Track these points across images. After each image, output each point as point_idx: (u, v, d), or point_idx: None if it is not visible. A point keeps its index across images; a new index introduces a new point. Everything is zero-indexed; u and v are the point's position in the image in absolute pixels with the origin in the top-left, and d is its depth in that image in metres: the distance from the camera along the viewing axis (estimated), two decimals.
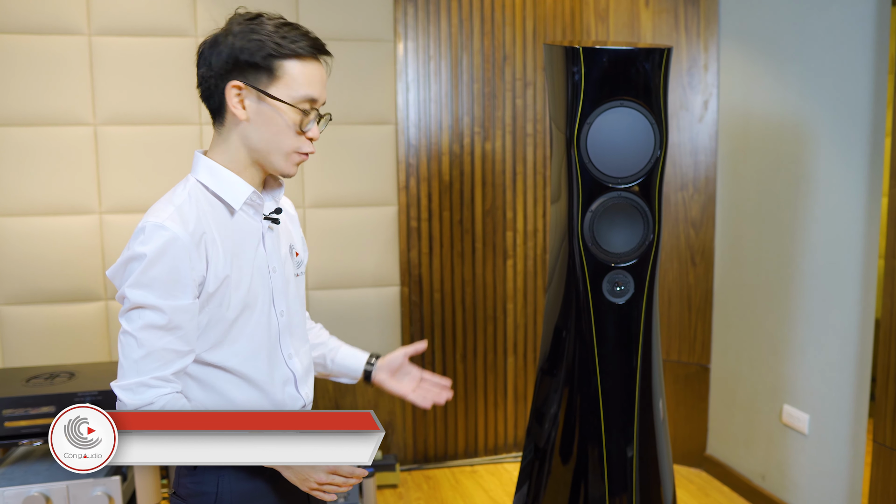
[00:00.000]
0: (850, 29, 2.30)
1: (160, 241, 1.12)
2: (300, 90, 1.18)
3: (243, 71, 1.18)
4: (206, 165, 1.23)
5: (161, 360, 1.14)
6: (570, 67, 1.69)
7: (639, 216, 1.76)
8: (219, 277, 1.18)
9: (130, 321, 1.14)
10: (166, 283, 1.12)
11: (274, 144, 1.20)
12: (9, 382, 2.23)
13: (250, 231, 1.24)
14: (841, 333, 2.39)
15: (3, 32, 2.65)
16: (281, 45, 1.18)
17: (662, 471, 2.01)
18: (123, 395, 1.15)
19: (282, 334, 1.29)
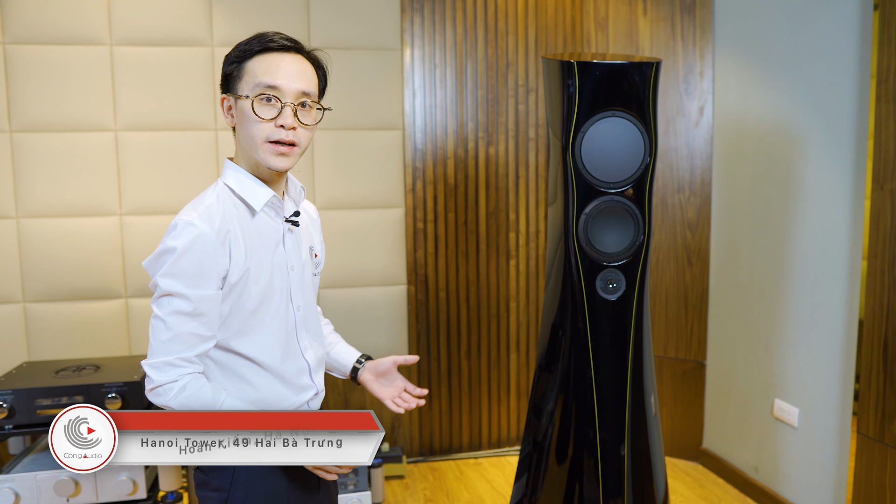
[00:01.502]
0: (836, 39, 2.40)
1: (189, 237, 1.24)
2: (255, 80, 1.28)
3: (225, 83, 1.34)
4: (232, 171, 1.35)
5: (186, 343, 1.25)
6: (566, 80, 1.81)
7: (630, 218, 1.88)
8: (240, 271, 1.28)
9: (160, 307, 1.25)
10: (193, 275, 1.24)
11: (248, 138, 1.30)
12: (39, 374, 2.37)
13: (271, 231, 1.35)
14: (828, 331, 2.50)
15: (30, 43, 2.79)
16: (242, 50, 1.31)
17: (654, 463, 2.12)
18: (152, 372, 1.26)
19: (298, 327, 1.40)
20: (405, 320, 3.26)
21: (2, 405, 2.17)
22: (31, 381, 2.29)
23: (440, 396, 3.32)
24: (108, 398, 2.23)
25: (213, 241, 1.25)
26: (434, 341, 3.29)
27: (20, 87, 2.79)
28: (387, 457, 3.11)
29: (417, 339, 3.26)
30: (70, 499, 2.21)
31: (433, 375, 3.30)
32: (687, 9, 3.07)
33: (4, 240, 2.82)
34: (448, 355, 3.31)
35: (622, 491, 2.04)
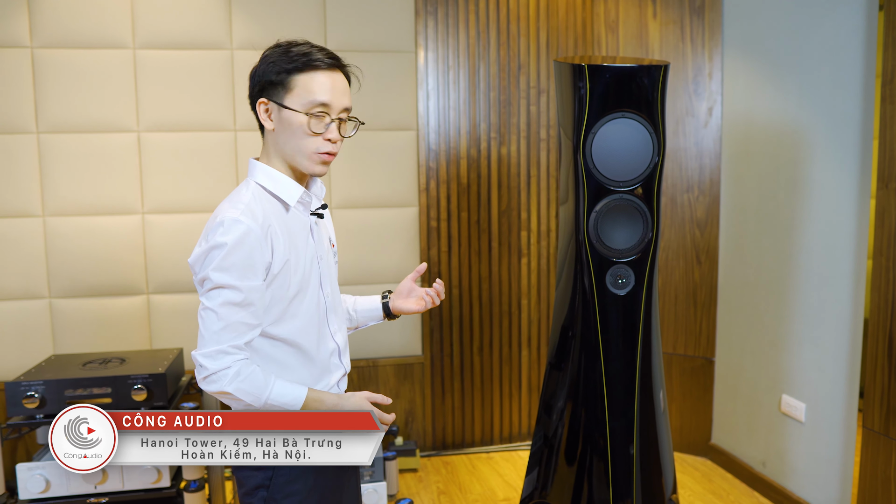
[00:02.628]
0: (842, 41, 2.45)
1: (238, 233, 1.32)
2: (309, 97, 1.37)
3: (266, 89, 1.41)
4: (262, 170, 1.44)
5: (236, 332, 1.33)
6: (577, 83, 1.88)
7: (639, 216, 1.94)
8: (281, 261, 1.38)
9: (211, 299, 1.33)
10: (242, 268, 1.33)
11: (295, 147, 1.40)
12: (67, 366, 2.45)
13: (301, 224, 1.45)
14: (834, 328, 2.55)
15: (57, 48, 2.88)
16: (291, 62, 1.38)
17: (663, 457, 2.17)
18: (205, 361, 1.33)
19: (328, 312, 1.50)
20: (419, 316, 3.32)
21: (34, 395, 2.25)
22: (60, 372, 2.38)
23: (453, 392, 3.39)
24: (135, 389, 2.31)
25: (258, 235, 1.34)
26: (447, 337, 3.35)
27: (47, 89, 2.88)
28: (401, 450, 3.18)
29: (431, 336, 3.33)
30: (97, 486, 2.30)
31: (446, 371, 3.37)
32: (696, 11, 3.12)
33: (31, 238, 2.92)
34: (461, 351, 3.37)
35: (630, 485, 2.10)
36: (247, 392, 1.33)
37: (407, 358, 3.33)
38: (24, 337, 2.93)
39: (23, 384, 2.27)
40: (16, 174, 2.89)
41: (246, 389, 1.33)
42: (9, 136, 2.87)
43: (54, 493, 2.30)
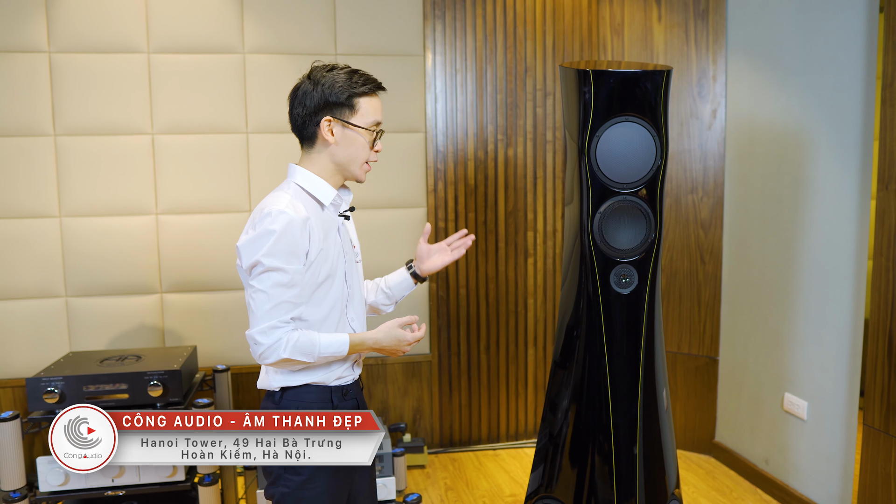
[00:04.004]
0: (844, 45, 2.49)
1: (284, 221, 1.51)
2: (370, 118, 1.63)
3: (332, 108, 1.60)
4: (302, 173, 1.63)
5: (284, 310, 1.52)
6: (582, 87, 1.93)
7: (642, 217, 1.99)
8: (316, 250, 1.56)
9: (261, 282, 1.51)
10: (289, 253, 1.51)
11: (354, 158, 1.63)
12: (85, 363, 2.52)
13: (332, 222, 1.65)
14: (836, 327, 2.59)
15: (73, 52, 2.95)
16: (355, 87, 1.61)
17: (666, 454, 2.21)
18: (260, 338, 1.50)
19: (349, 302, 1.68)
20: (427, 316, 3.38)
21: (53, 391, 2.32)
22: (78, 368, 2.45)
23: (460, 390, 3.44)
24: (151, 385, 2.37)
25: (300, 225, 1.53)
26: (454, 336, 3.41)
27: (64, 93, 2.95)
28: (409, 447, 3.24)
29: (438, 334, 3.38)
30: (115, 479, 2.36)
31: (453, 369, 3.43)
32: (700, 15, 3.16)
33: (48, 238, 2.99)
34: (468, 350, 3.43)
35: (634, 481, 2.15)
36: (301, 353, 1.52)
37: (415, 356, 3.39)
38: (41, 334, 3.00)
39: (43, 380, 2.34)
40: (33, 176, 2.96)
41: (299, 351, 1.52)
42: (27, 139, 2.94)
43: (73, 486, 2.37)
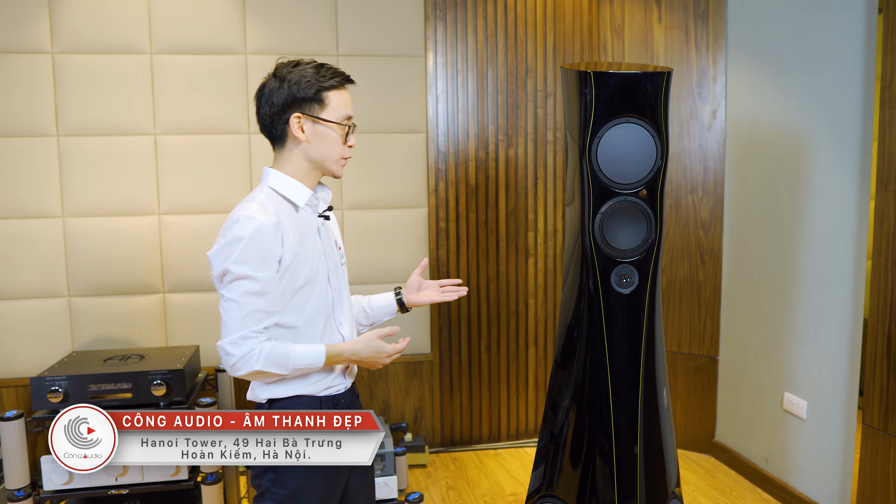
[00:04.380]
0: (843, 46, 2.51)
1: (253, 227, 1.46)
2: (341, 111, 1.56)
3: (300, 104, 1.54)
4: (275, 176, 1.58)
5: (256, 319, 1.47)
6: (583, 89, 1.94)
7: (643, 217, 2.01)
8: (291, 255, 1.51)
9: (232, 290, 1.46)
10: (259, 259, 1.46)
11: (329, 154, 1.57)
12: (89, 362, 2.53)
13: (309, 224, 1.59)
14: (835, 327, 2.60)
15: (76, 53, 2.96)
16: (323, 81, 1.54)
17: (666, 453, 2.23)
18: (230, 348, 1.45)
19: (335, 306, 1.62)
20: (428, 316, 3.39)
21: (57, 390, 2.34)
22: (82, 368, 2.46)
23: (461, 389, 3.46)
24: (154, 385, 2.39)
25: (270, 230, 1.48)
26: (455, 336, 3.42)
27: (67, 93, 2.97)
28: (410, 446, 3.25)
29: (440, 334, 3.40)
30: (118, 478, 2.38)
31: (454, 369, 3.44)
32: (700, 16, 3.18)
33: (51, 238, 3.00)
34: (469, 350, 3.44)
35: (635, 480, 2.16)
36: (275, 365, 1.46)
37: (416, 356, 3.40)
38: (44, 334, 3.02)
39: (47, 379, 2.35)
40: (37, 176, 2.97)
41: (272, 363, 1.46)
42: (30, 140, 2.96)
43: (76, 485, 2.38)
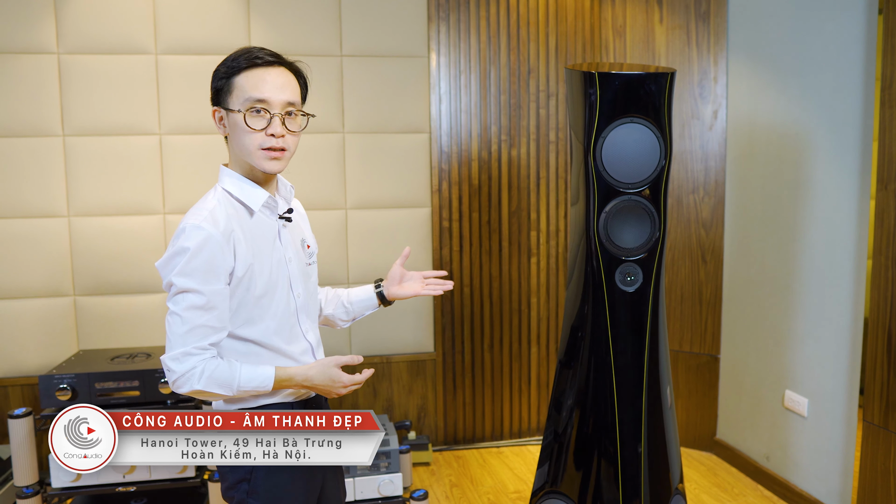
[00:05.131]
0: (843, 46, 2.53)
1: (199, 239, 1.35)
2: (244, 95, 1.40)
3: (216, 97, 1.46)
4: (228, 176, 1.47)
5: (200, 335, 1.36)
6: (588, 89, 1.97)
7: (647, 216, 2.03)
8: (244, 266, 1.41)
9: (176, 304, 1.36)
10: (205, 272, 1.36)
11: (243, 146, 1.42)
12: (96, 361, 2.55)
13: (268, 228, 1.48)
14: (836, 325, 2.62)
15: (82, 53, 2.98)
16: (229, 66, 1.43)
17: (670, 451, 2.25)
18: (172, 365, 1.36)
19: (299, 312, 1.52)
20: (431, 314, 3.41)
21: (66, 388, 2.35)
22: (90, 366, 2.48)
23: (464, 388, 3.48)
24: (161, 383, 2.41)
25: (219, 241, 1.37)
26: (458, 335, 3.44)
27: (72, 94, 2.98)
28: (413, 444, 3.27)
29: (443, 333, 3.42)
30: (126, 475, 2.40)
31: (457, 368, 3.46)
32: (701, 17, 3.20)
33: (57, 237, 3.02)
34: (472, 348, 3.46)
35: (639, 477, 2.18)
36: (217, 385, 1.36)
37: (419, 355, 3.42)
38: (50, 333, 3.03)
39: (55, 377, 2.37)
40: (42, 176, 2.99)
41: (215, 383, 1.36)
42: (36, 139, 2.98)
43: (84, 483, 2.40)
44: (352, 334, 3.34)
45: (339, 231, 3.27)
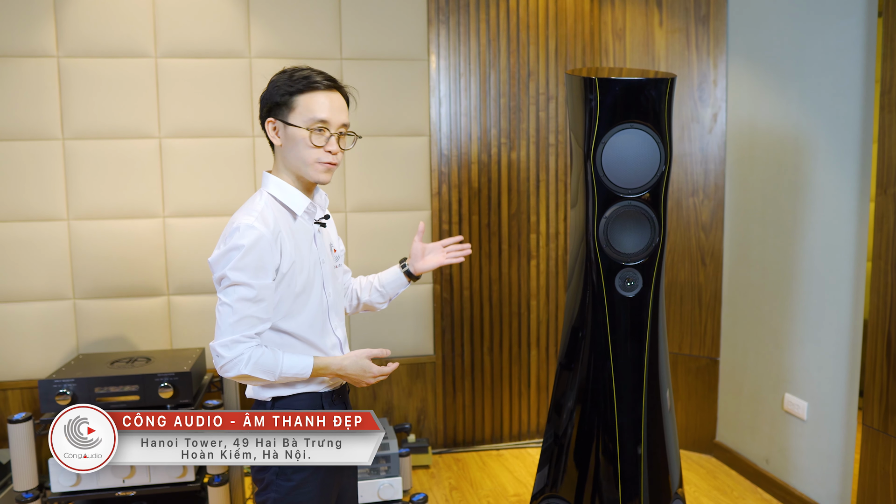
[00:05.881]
0: (843, 51, 2.53)
1: (252, 237, 1.49)
2: (309, 115, 1.56)
3: (272, 110, 1.59)
4: (274, 182, 1.61)
5: (249, 324, 1.50)
6: (588, 94, 1.97)
7: (647, 222, 2.03)
8: (288, 263, 1.55)
9: (228, 295, 1.50)
10: (256, 268, 1.49)
11: (300, 159, 1.57)
12: (96, 365, 2.55)
13: (306, 232, 1.62)
14: (835, 328, 2.63)
15: (82, 57, 2.98)
16: (292, 85, 1.57)
17: (669, 454, 2.25)
18: (222, 350, 1.49)
19: (330, 310, 1.66)
20: (430, 317, 3.42)
21: (65, 393, 2.35)
22: (89, 371, 2.48)
23: (464, 390, 3.48)
24: (161, 387, 2.41)
25: (269, 239, 1.51)
26: (458, 338, 3.44)
27: (72, 97, 2.98)
28: (413, 447, 3.27)
29: (442, 336, 3.42)
30: (125, 479, 2.40)
31: (457, 370, 3.46)
32: (701, 20, 3.20)
33: (57, 240, 3.02)
34: (471, 351, 3.46)
35: (638, 481, 2.18)
36: (262, 371, 1.49)
37: (419, 357, 3.42)
38: (50, 336, 3.03)
39: (55, 382, 2.37)
40: (42, 179, 2.99)
41: (260, 369, 1.49)
42: (36, 143, 2.97)
43: (84, 487, 2.40)
44: (352, 336, 3.34)
45: (340, 234, 3.26)
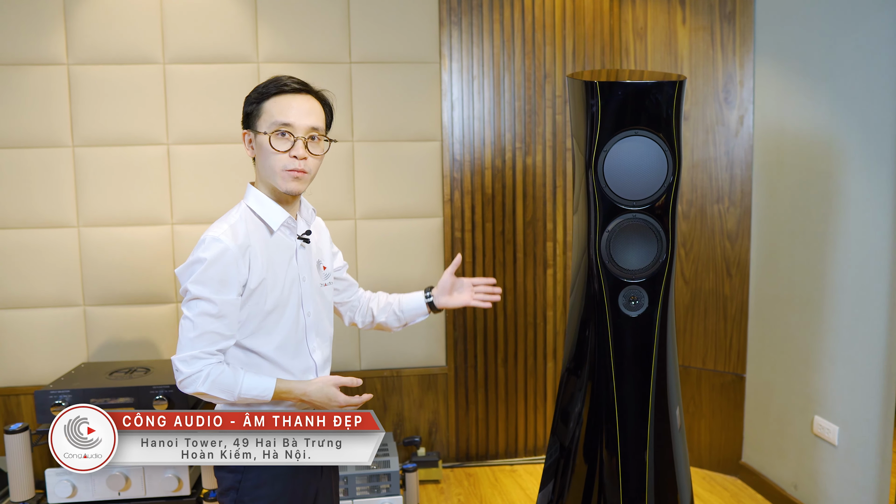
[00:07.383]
0: (876, 49, 2.35)
1: (216, 250, 1.45)
2: (272, 119, 1.50)
3: (246, 120, 1.57)
4: (253, 195, 1.57)
5: (209, 340, 1.45)
6: (588, 100, 1.84)
7: (653, 237, 1.89)
8: (257, 279, 1.49)
9: (189, 309, 1.46)
10: (218, 282, 1.45)
11: (267, 167, 1.52)
12: (94, 375, 2.53)
13: (286, 247, 1.56)
14: (868, 346, 2.44)
15: (91, 64, 2.97)
16: (260, 92, 1.53)
17: (679, 477, 2.11)
18: (180, 366, 1.44)
19: (308, 331, 1.58)
20: (443, 328, 3.32)
21: (61, 403, 2.33)
22: (86, 381, 2.45)
23: (477, 403, 3.37)
24: (156, 399, 2.37)
25: (235, 254, 1.46)
26: (471, 349, 3.34)
27: (82, 104, 2.98)
28: (423, 461, 3.18)
29: (455, 347, 3.32)
30: (121, 492, 2.36)
31: (470, 382, 3.36)
32: (727, 17, 3.03)
33: (67, 247, 3.02)
34: (485, 363, 3.35)
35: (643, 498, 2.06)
36: (220, 389, 1.43)
37: (431, 368, 3.33)
38: (60, 343, 3.03)
39: (51, 392, 2.35)
40: (52, 186, 2.99)
41: (218, 387, 1.43)
42: (46, 150, 2.98)
43: (81, 498, 2.38)
44: (361, 347, 3.27)
45: (349, 242, 3.20)
